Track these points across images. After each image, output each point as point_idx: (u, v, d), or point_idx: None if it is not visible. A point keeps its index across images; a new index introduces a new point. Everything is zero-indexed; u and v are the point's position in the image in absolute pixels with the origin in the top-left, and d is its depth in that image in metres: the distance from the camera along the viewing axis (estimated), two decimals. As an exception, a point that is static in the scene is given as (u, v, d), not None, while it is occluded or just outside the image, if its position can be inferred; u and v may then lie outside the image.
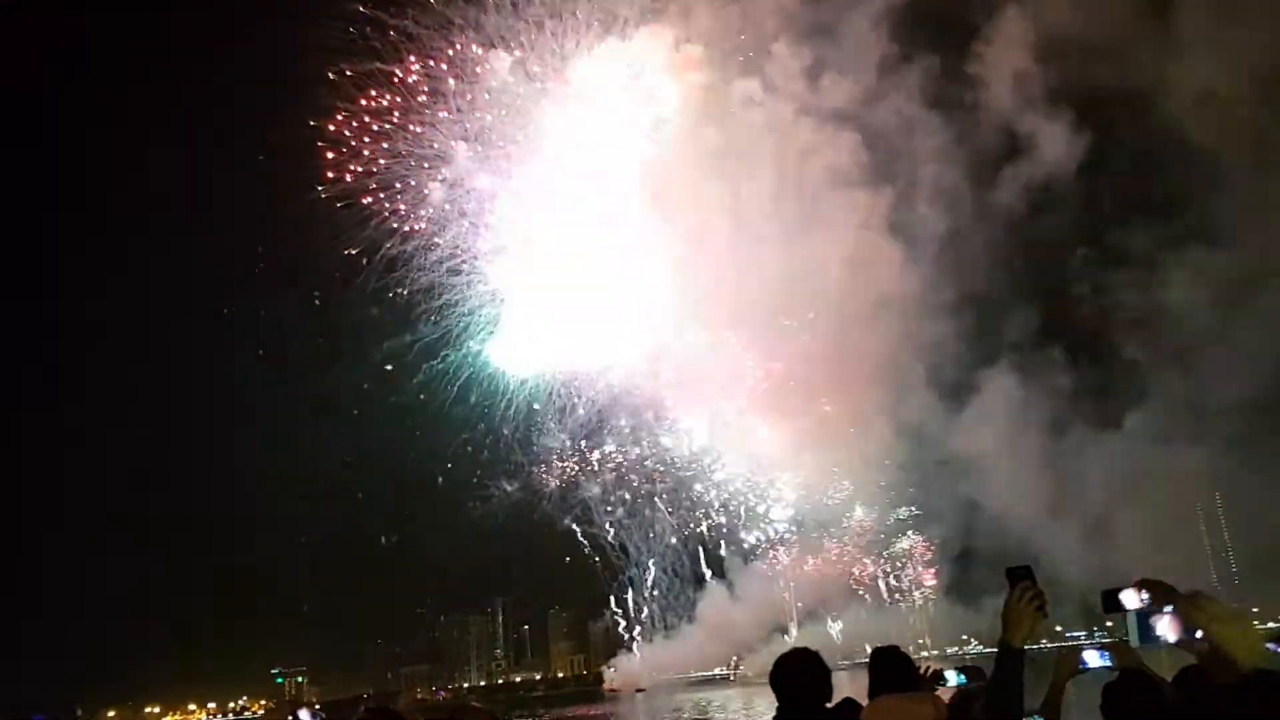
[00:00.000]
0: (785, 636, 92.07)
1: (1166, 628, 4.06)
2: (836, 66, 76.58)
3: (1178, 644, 4.13)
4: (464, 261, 77.46)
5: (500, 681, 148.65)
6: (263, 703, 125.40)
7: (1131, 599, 4.61)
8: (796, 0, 75.62)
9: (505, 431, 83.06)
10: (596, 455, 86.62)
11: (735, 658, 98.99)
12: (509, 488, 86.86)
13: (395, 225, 75.57)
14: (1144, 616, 4.23)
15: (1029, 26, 73.99)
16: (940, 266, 78.39)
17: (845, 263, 77.96)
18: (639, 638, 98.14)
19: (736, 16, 75.43)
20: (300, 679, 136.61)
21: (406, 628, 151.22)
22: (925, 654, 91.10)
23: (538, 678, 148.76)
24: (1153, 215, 75.53)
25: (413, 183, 75.41)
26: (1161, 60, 71.14)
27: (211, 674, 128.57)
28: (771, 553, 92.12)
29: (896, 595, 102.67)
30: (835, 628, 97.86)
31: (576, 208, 75.67)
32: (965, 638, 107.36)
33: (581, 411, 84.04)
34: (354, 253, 75.43)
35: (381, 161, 74.53)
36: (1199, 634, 3.93)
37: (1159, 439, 73.87)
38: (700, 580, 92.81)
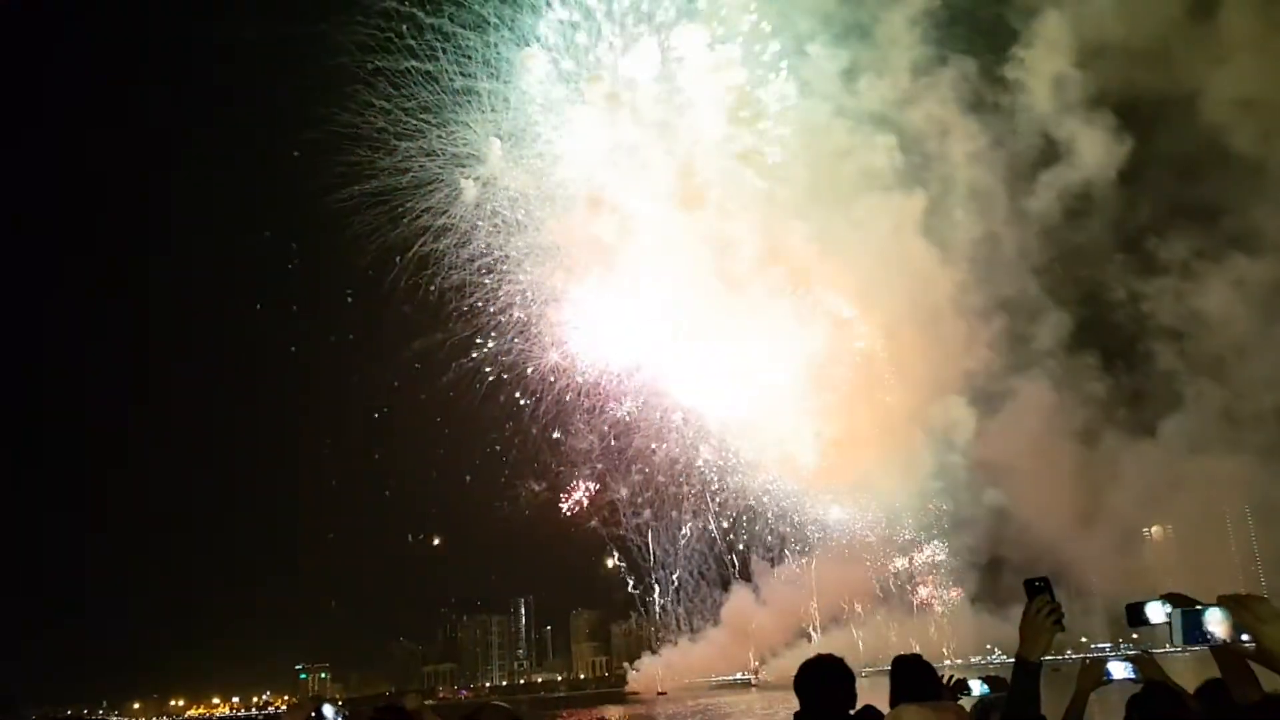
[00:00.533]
0: (808, 641, 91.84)
1: (1217, 626, 3.89)
2: (873, 68, 76.27)
3: (1224, 645, 3.96)
4: (496, 261, 78.15)
5: (522, 681, 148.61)
6: (285, 698, 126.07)
7: (1157, 612, 4.55)
8: (833, 1, 75.42)
9: (534, 431, 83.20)
10: (625, 456, 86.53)
11: (756, 662, 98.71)
12: (536, 487, 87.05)
13: (428, 223, 76.70)
14: (1189, 615, 4.06)
15: (1069, 30, 73.09)
16: (974, 271, 77.93)
17: (878, 266, 78.07)
18: (662, 640, 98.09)
19: (774, 16, 75.00)
20: (324, 675, 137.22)
21: (429, 627, 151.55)
22: (948, 662, 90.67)
23: (559, 678, 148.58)
24: (1192, 222, 74.38)
25: (446, 181, 76.34)
26: (1204, 66, 70.30)
27: (235, 669, 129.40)
28: (797, 557, 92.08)
29: (921, 602, 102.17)
30: (858, 634, 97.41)
31: (608, 208, 76.04)
32: (989, 646, 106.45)
33: (610, 412, 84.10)
34: (385, 250, 76.33)
35: (415, 159, 75.51)
36: (1245, 636, 3.76)
37: (1195, 447, 72.95)
38: (725, 583, 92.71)
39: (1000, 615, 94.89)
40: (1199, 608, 4.06)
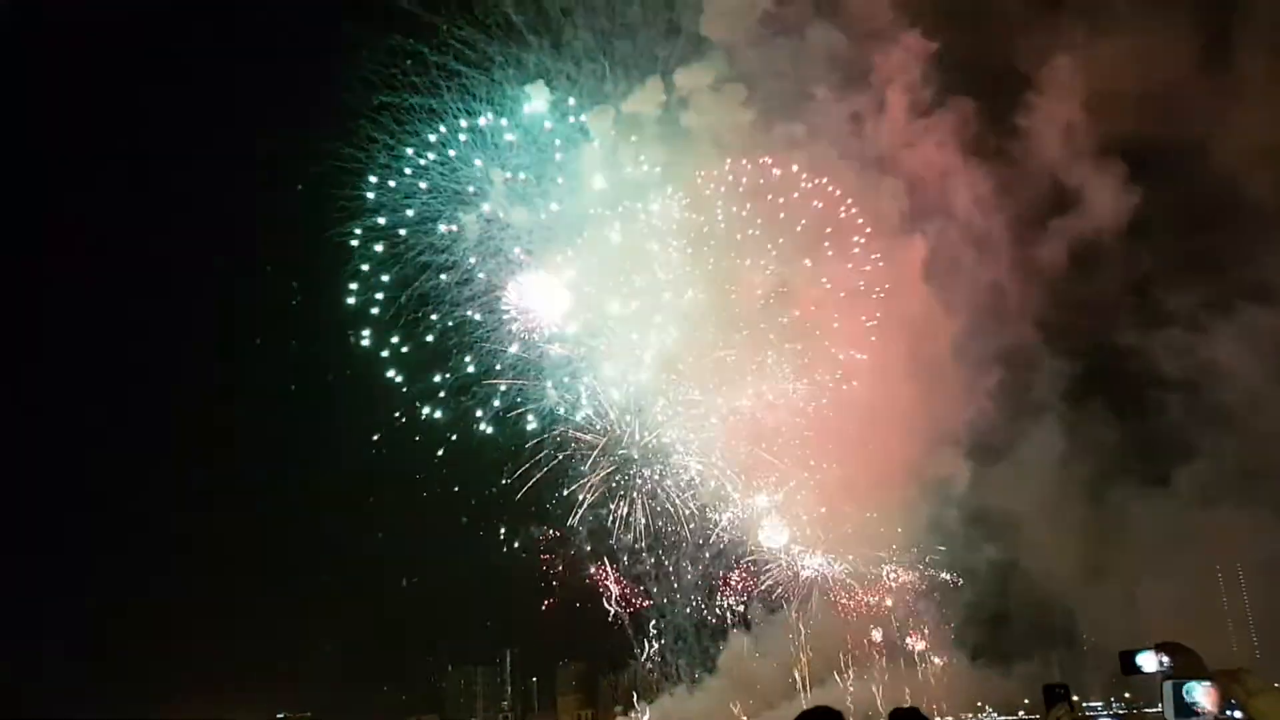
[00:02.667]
0: (801, 695, 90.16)
1: (1205, 698, 4.17)
2: (880, 111, 76.45)
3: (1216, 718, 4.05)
4: (497, 299, 77.15)
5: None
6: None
7: (1150, 662, 4.92)
8: (842, 42, 75.72)
9: (533, 475, 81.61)
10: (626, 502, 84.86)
11: (744, 718, 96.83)
12: (535, 533, 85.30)
13: (429, 260, 75.72)
14: (1179, 688, 4.32)
15: (1080, 77, 73.42)
16: (979, 319, 77.54)
17: (880, 312, 77.73)
18: (656, 691, 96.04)
19: (785, 58, 75.14)
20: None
21: (413, 675, 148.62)
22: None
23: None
24: (1202, 272, 74.32)
25: (447, 218, 75.63)
26: (1216, 113, 70.54)
27: (212, 714, 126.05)
28: (794, 607, 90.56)
29: (914, 654, 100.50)
30: (849, 688, 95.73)
31: (613, 245, 75.53)
32: (980, 704, 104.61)
33: (609, 456, 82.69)
34: (386, 287, 75.49)
35: (417, 195, 75.03)
36: (1237, 712, 3.99)
37: (1208, 500, 72.13)
38: (722, 632, 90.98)
39: (1001, 670, 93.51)
40: (1187, 681, 4.35)
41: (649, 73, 75.82)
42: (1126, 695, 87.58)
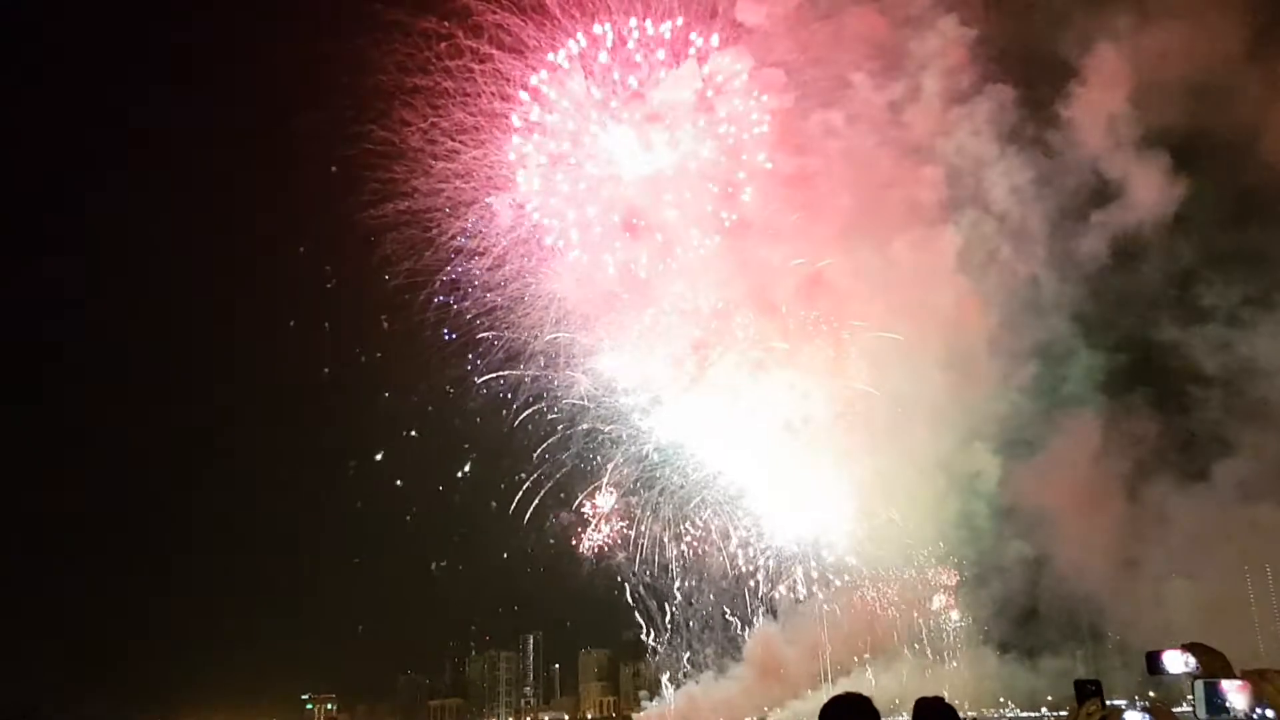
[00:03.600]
0: (826, 685, 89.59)
1: (1237, 697, 4.31)
2: (920, 99, 75.40)
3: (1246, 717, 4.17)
4: (527, 285, 77.00)
5: (529, 719, 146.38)
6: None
7: (1176, 662, 4.91)
8: (884, 27, 74.79)
9: (563, 461, 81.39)
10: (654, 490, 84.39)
11: (765, 708, 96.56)
12: (564, 519, 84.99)
13: (460, 244, 75.78)
14: (1211, 686, 4.45)
15: (1125, 66, 71.97)
16: (1018, 311, 76.58)
17: (915, 303, 76.86)
18: (674, 681, 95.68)
19: (824, 41, 74.20)
20: (330, 706, 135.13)
21: (437, 660, 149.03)
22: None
23: (566, 717, 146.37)
24: (1246, 266, 72.94)
25: (480, 203, 75.44)
26: (1266, 104, 69.09)
27: (241, 696, 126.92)
28: (822, 595, 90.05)
29: (939, 649, 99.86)
30: (873, 680, 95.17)
31: (645, 233, 75.03)
32: (1003, 700, 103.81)
33: (640, 444, 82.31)
34: (418, 271, 75.39)
35: (450, 180, 74.84)
36: (1269, 710, 4.08)
37: (1247, 496, 70.90)
38: (748, 621, 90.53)
39: (1027, 666, 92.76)
40: (1219, 680, 4.43)
41: (684, 57, 75.21)
42: (1151, 694, 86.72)
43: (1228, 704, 3.94)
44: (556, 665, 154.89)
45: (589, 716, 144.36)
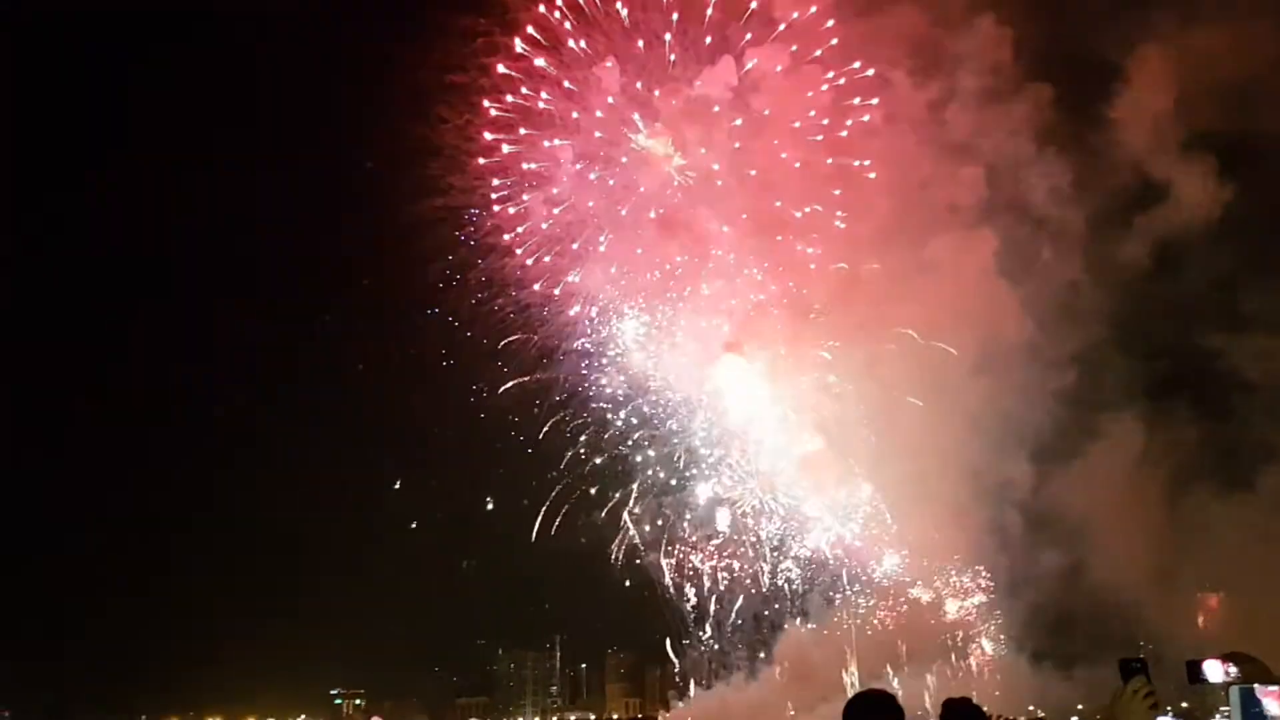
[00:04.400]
0: (849, 692, 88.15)
1: (1273, 705, 3.78)
2: (958, 99, 74.65)
3: None
4: (563, 283, 76.84)
5: (555, 719, 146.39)
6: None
7: (1216, 671, 4.64)
8: (922, 25, 74.00)
9: (597, 459, 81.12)
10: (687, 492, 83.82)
11: (791, 711, 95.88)
12: (596, 519, 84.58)
13: (495, 242, 75.79)
14: (1248, 694, 4.08)
15: (1170, 66, 70.79)
16: (1056, 316, 75.55)
17: (951, 307, 76.03)
18: (701, 683, 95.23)
19: (862, 39, 73.55)
20: (358, 702, 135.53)
21: (465, 659, 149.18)
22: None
23: (591, 717, 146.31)
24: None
25: (515, 200, 75.41)
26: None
27: (270, 691, 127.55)
28: (850, 601, 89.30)
29: (966, 657, 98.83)
30: (898, 683, 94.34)
31: (681, 229, 74.72)
32: (1032, 709, 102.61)
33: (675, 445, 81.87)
34: (454, 267, 75.50)
35: (486, 177, 74.96)
36: None
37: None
38: (778, 624, 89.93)
39: (1061, 675, 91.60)
40: (1255, 687, 4.21)
41: (721, 54, 74.90)
42: (1184, 705, 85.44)
43: (1265, 712, 3.99)
44: (583, 666, 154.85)
45: (614, 718, 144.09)
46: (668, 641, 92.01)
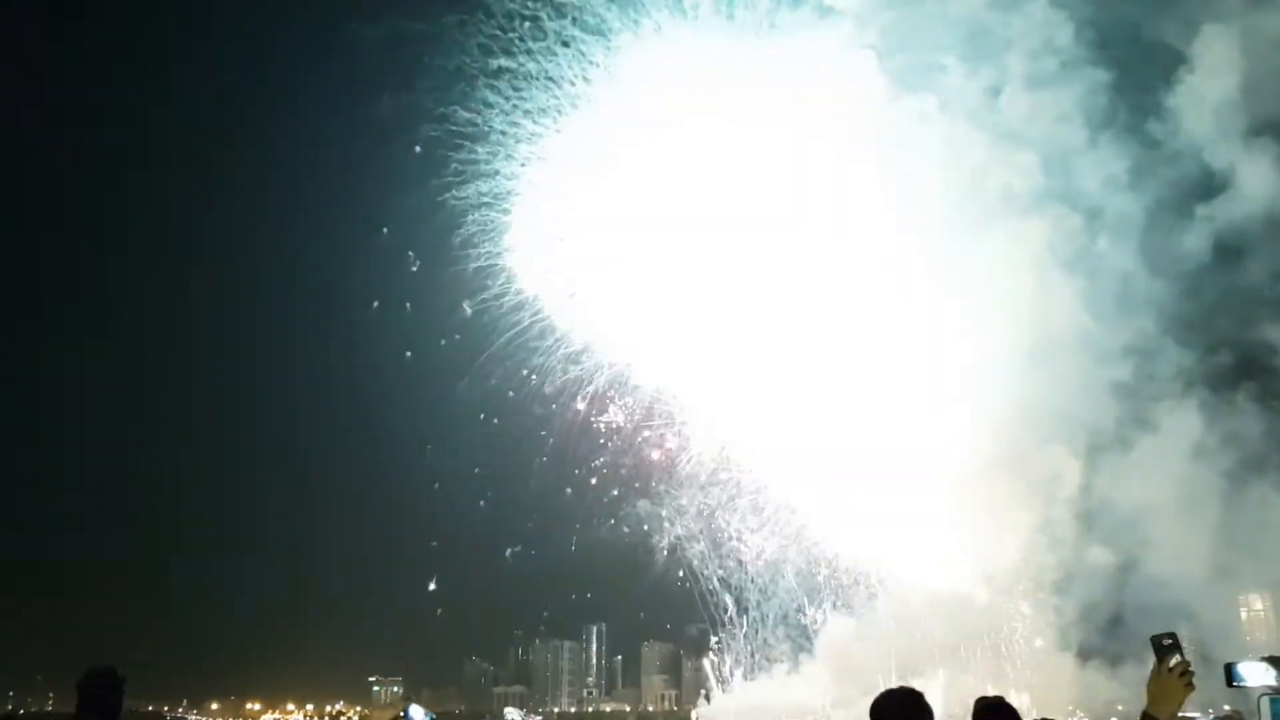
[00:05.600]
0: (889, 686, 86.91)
1: None
2: (1012, 84, 73.11)
3: None
4: (609, 271, 76.04)
5: (590, 710, 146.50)
6: (359, 709, 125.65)
7: (1255, 674, 4.77)
8: (976, 9, 72.36)
9: (641, 449, 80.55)
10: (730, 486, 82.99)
11: (828, 706, 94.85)
12: (641, 510, 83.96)
13: (541, 229, 75.42)
14: (1277, 703, 4.51)
15: (1235, 51, 68.66)
16: (1110, 308, 73.89)
17: (1003, 297, 74.57)
18: (734, 677, 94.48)
19: (915, 24, 72.19)
20: (396, 689, 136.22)
21: (502, 647, 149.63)
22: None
23: (627, 709, 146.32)
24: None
25: (560, 188, 74.93)
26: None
27: (309, 677, 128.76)
28: (891, 598, 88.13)
29: (1013, 654, 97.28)
30: (941, 681, 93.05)
31: (726, 220, 73.67)
32: (1071, 709, 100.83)
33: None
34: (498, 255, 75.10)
35: (531, 164, 74.67)
36: None
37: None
38: (815, 619, 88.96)
39: (1108, 674, 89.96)
40: None
41: (770, 40, 73.90)
42: (1226, 707, 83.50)
43: None
44: (619, 657, 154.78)
45: (650, 709, 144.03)
46: (709, 634, 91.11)
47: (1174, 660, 4.12)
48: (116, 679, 7.70)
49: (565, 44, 74.66)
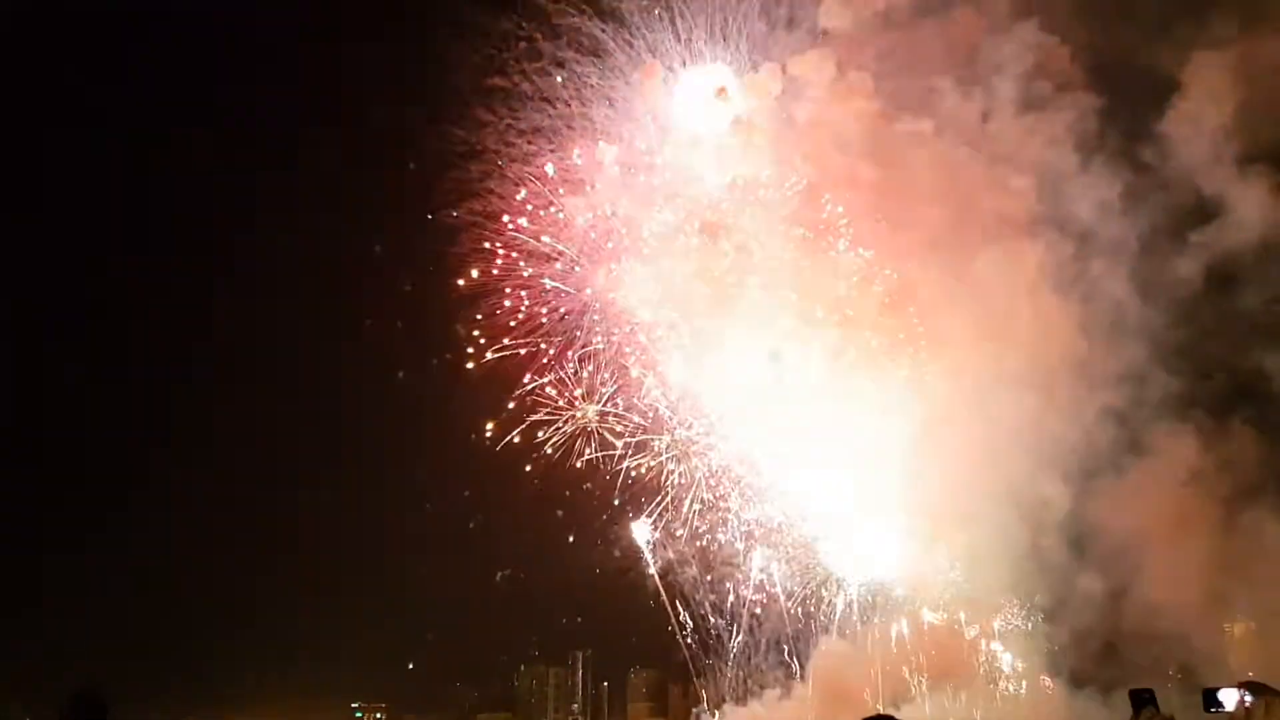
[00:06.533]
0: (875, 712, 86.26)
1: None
2: (1004, 108, 73.44)
3: None
4: (603, 291, 75.66)
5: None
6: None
7: (1232, 699, 5.44)
8: (972, 33, 72.75)
9: (633, 471, 79.56)
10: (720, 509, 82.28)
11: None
12: (633, 533, 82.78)
13: (534, 249, 74.82)
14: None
15: (1229, 76, 69.10)
16: (1104, 333, 73.85)
17: (996, 323, 74.51)
18: (724, 702, 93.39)
19: (910, 47, 72.47)
20: (379, 716, 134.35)
21: (486, 673, 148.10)
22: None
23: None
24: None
25: (555, 206, 74.66)
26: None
27: (291, 700, 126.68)
28: (880, 623, 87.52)
29: (1001, 681, 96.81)
30: (927, 709, 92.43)
31: (724, 237, 73.56)
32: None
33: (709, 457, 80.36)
34: (492, 274, 74.54)
35: (526, 182, 74.22)
36: None
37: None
38: (805, 642, 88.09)
39: (1101, 700, 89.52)
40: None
41: (765, 60, 74.26)
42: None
43: None
44: (605, 683, 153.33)
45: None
46: (691, 660, 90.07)
47: (1148, 713, 4.21)
48: (100, 706, 7.17)
49: (560, 64, 74.73)
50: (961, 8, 73.73)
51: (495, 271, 74.74)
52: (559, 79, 74.49)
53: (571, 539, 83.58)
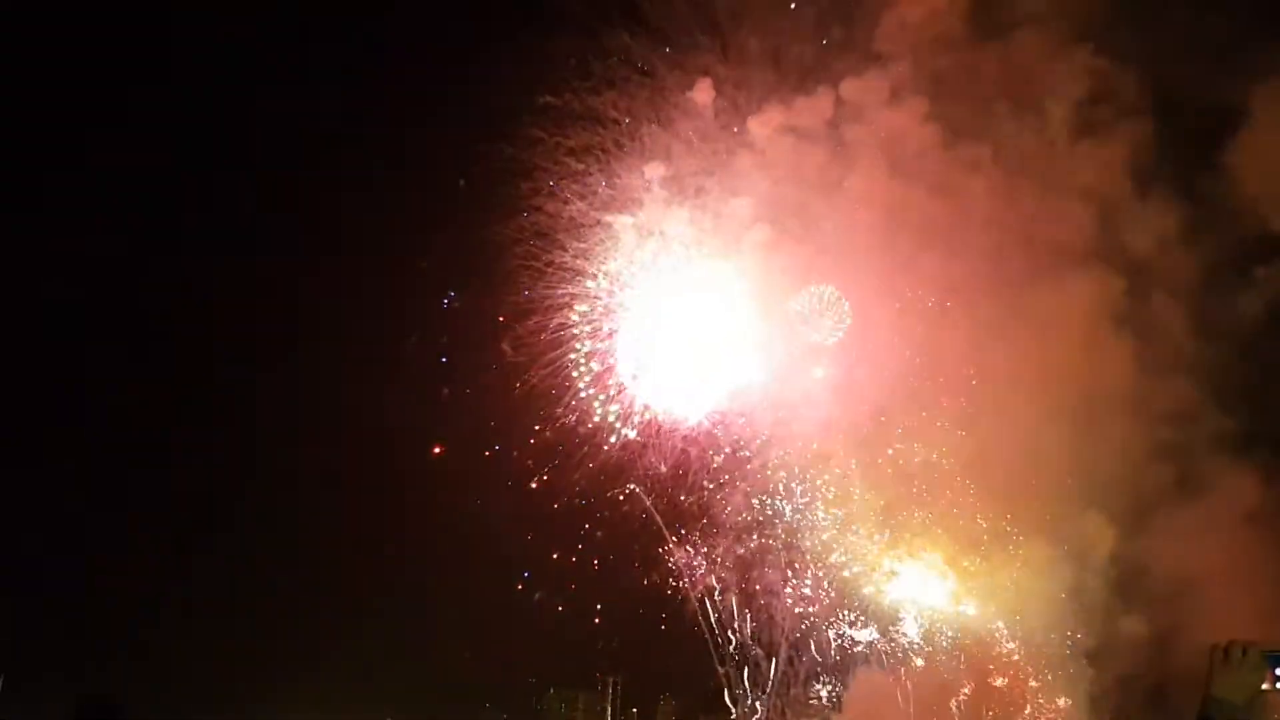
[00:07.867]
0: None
1: None
2: (1060, 134, 72.23)
3: None
4: (647, 312, 75.34)
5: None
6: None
7: None
8: (1028, 58, 71.71)
9: (683, 497, 78.90)
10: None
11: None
12: (673, 557, 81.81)
13: (580, 266, 74.78)
14: None
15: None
16: (1163, 369, 72.24)
17: (1048, 356, 73.07)
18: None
19: (966, 72, 71.47)
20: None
21: (514, 695, 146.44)
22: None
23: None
24: None
25: (602, 224, 74.50)
26: None
27: (322, 716, 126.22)
28: (920, 658, 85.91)
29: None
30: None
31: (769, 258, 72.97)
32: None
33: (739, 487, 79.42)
34: (538, 290, 74.40)
35: (573, 201, 74.15)
36: None
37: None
38: (844, 670, 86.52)
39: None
40: None
41: (818, 82, 73.60)
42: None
43: None
44: (634, 710, 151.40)
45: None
46: (734, 687, 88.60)
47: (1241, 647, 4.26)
48: (112, 710, 6.36)
49: (610, 84, 74.69)
50: (1021, 30, 72.68)
51: (543, 288, 74.73)
52: (608, 98, 74.35)
53: (611, 558, 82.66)
